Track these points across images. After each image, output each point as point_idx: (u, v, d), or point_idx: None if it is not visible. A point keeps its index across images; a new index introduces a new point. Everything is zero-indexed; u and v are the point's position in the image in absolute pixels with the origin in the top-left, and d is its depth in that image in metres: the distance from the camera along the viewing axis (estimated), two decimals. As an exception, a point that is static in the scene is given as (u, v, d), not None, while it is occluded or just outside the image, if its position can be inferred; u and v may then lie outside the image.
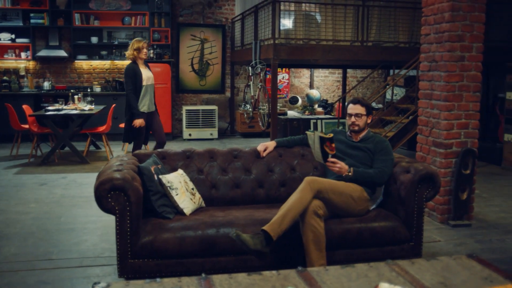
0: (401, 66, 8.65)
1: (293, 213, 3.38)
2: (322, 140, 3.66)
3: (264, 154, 4.19)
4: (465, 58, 5.00)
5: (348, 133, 4.06)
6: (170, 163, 4.07)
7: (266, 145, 4.22)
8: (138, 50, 6.37)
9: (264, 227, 3.32)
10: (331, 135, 3.72)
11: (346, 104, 4.23)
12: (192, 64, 11.76)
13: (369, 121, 4.02)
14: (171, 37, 11.25)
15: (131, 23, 11.04)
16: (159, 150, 4.18)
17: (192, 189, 3.87)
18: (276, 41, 8.03)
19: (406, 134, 7.57)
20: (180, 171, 3.93)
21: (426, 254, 4.27)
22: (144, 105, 6.47)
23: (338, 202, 3.59)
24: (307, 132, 3.89)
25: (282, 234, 3.36)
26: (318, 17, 8.74)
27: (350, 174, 3.69)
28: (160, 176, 3.69)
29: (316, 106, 11.29)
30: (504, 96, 8.32)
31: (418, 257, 3.78)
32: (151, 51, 10.79)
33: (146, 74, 6.50)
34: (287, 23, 8.91)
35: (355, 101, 4.00)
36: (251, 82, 9.87)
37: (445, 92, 5.00)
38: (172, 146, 9.70)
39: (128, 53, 6.44)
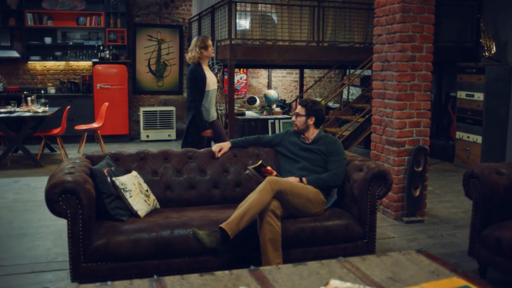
0: (356, 66, 8.78)
1: (252, 212, 3.39)
2: (258, 170, 3.78)
3: (219, 155, 4.19)
4: (416, 58, 5.11)
5: (301, 134, 4.10)
6: (124, 165, 4.02)
7: (221, 146, 4.22)
8: (205, 48, 5.38)
9: (222, 225, 3.34)
10: (260, 161, 3.83)
11: None
12: (149, 65, 11.65)
13: (310, 122, 4.05)
14: (127, 37, 11.11)
15: (86, 24, 10.86)
16: (113, 152, 4.12)
17: (147, 190, 3.83)
18: (233, 42, 8.03)
19: (362, 133, 7.69)
20: (134, 173, 3.89)
21: (380, 250, 4.34)
22: (208, 113, 5.51)
23: (296, 203, 3.63)
24: (245, 172, 3.93)
25: (239, 233, 3.38)
26: (274, 17, 8.78)
27: (303, 184, 3.74)
28: (114, 178, 3.65)
29: (274, 106, 11.33)
30: (456, 95, 8.54)
31: (371, 253, 3.84)
32: (107, 52, 10.63)
33: (211, 78, 5.54)
34: (244, 23, 8.92)
35: (300, 101, 4.09)
36: (208, 83, 9.82)
37: (397, 92, 5.10)
38: (130, 148, 9.59)
39: (191, 55, 5.43)
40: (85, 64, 11.08)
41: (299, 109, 4.08)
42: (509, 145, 8.10)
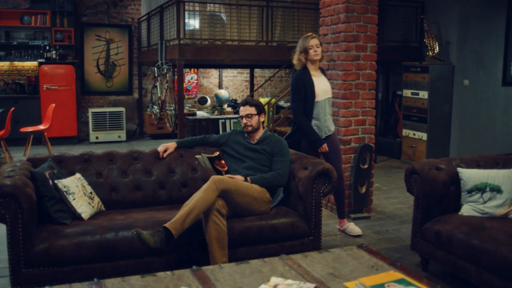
0: (305, 65, 8.87)
1: (196, 211, 3.39)
2: (211, 160, 3.79)
3: (165, 155, 4.16)
4: (360, 58, 5.21)
5: (246, 134, 4.12)
6: (67, 167, 3.94)
7: (166, 146, 4.19)
8: (305, 51, 4.53)
9: (166, 224, 3.32)
10: (217, 153, 3.87)
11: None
12: (97, 65, 11.46)
13: (262, 119, 4.10)
14: (74, 37, 10.88)
15: (31, 23, 10.58)
16: (55, 154, 4.03)
17: (91, 193, 3.77)
18: (181, 42, 8.00)
19: (311, 132, 7.75)
20: (77, 175, 3.82)
21: (327, 247, 4.39)
22: (319, 128, 4.62)
23: (241, 202, 3.64)
24: (196, 156, 3.94)
25: (185, 233, 3.37)
26: (224, 16, 8.79)
27: (248, 183, 3.76)
28: (56, 181, 3.57)
29: (225, 106, 11.34)
30: (402, 94, 8.75)
31: (317, 250, 3.89)
32: (53, 52, 10.38)
33: (321, 86, 4.59)
34: (194, 23, 8.90)
35: (244, 103, 4.09)
36: (157, 83, 9.76)
37: (342, 90, 5.19)
38: (78, 150, 9.40)
39: (294, 60, 4.66)
40: (30, 64, 10.80)
41: (250, 109, 4.08)
42: (453, 142, 8.36)
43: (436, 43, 8.29)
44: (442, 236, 3.60)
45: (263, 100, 10.88)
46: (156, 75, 9.66)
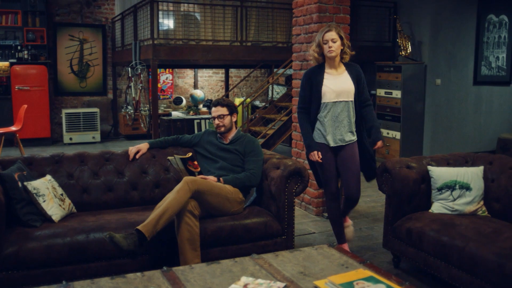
0: (280, 65, 8.90)
1: (169, 213, 3.37)
2: (184, 161, 3.78)
3: (137, 156, 4.13)
4: (332, 57, 5.23)
5: (218, 135, 4.11)
6: (37, 169, 3.89)
7: (138, 147, 4.16)
8: (318, 45, 3.89)
9: (139, 227, 3.29)
10: (190, 154, 3.86)
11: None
12: (71, 66, 11.34)
13: (234, 119, 4.10)
14: (47, 37, 10.73)
15: (2, 22, 10.40)
16: (25, 156, 3.98)
17: (61, 194, 3.73)
18: (155, 42, 7.96)
19: (286, 131, 7.79)
20: (48, 177, 3.77)
21: (301, 246, 4.41)
22: (322, 133, 3.96)
23: (214, 203, 3.64)
24: (168, 157, 3.92)
25: (158, 234, 3.36)
26: (198, 16, 8.77)
27: (221, 183, 3.76)
28: (25, 183, 3.52)
29: (200, 106, 11.32)
30: (376, 93, 8.83)
31: (290, 249, 3.90)
32: (25, 52, 10.23)
33: (334, 86, 3.87)
34: (168, 23, 8.85)
35: (216, 103, 4.08)
36: (132, 83, 9.70)
37: (315, 90, 5.21)
38: (51, 152, 9.28)
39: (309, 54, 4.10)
40: (1, 64, 10.61)
41: (222, 110, 4.07)
42: (426, 140, 8.47)
43: (409, 43, 8.39)
44: (412, 234, 3.64)
45: (239, 100, 10.89)
46: (130, 75, 9.59)
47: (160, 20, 8.37)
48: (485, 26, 8.94)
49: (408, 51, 8.39)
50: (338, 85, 3.90)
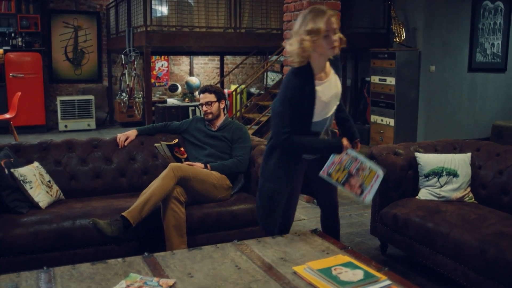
0: (273, 52, 8.88)
1: (155, 199, 3.38)
2: (170, 148, 3.79)
3: (126, 143, 4.13)
4: (323, 44, 5.21)
5: (207, 122, 4.11)
6: (25, 156, 3.89)
7: (127, 135, 4.16)
8: (314, 35, 2.71)
9: (124, 213, 3.31)
10: (176, 140, 3.88)
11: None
12: (66, 53, 11.29)
13: (222, 106, 4.10)
14: (41, 24, 10.66)
15: (-5, 9, 10.37)
16: (13, 143, 3.98)
17: (49, 181, 3.73)
18: (149, 29, 7.93)
19: (279, 118, 7.77)
20: (35, 164, 3.78)
21: (290, 232, 4.43)
22: None
23: (200, 189, 3.65)
24: (155, 144, 3.92)
25: (144, 220, 3.37)
26: (192, 2, 8.73)
27: (208, 170, 3.76)
28: (12, 170, 3.52)
29: (196, 93, 11.29)
30: (370, 80, 8.81)
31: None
32: (19, 39, 10.18)
33: (325, 97, 2.85)
34: (163, 9, 8.81)
35: (203, 90, 4.07)
36: (126, 71, 9.67)
37: (306, 77, 5.19)
38: (44, 139, 9.28)
39: (290, 49, 2.86)
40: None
41: (209, 97, 4.07)
42: (420, 127, 8.46)
43: (403, 29, 8.35)
44: (399, 220, 3.65)
45: (234, 87, 10.86)
46: (124, 62, 9.56)
47: (154, 7, 8.33)
48: (481, 12, 8.90)
49: (403, 38, 8.36)
50: (328, 93, 2.86)
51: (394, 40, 8.48)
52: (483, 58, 9.08)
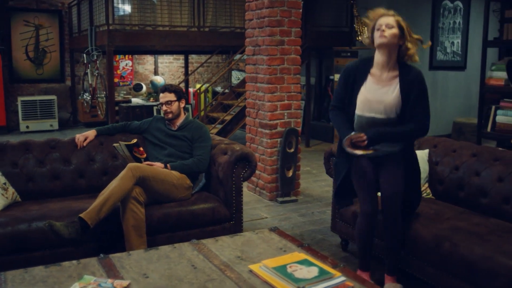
0: (237, 50, 8.87)
1: (113, 200, 3.34)
2: (129, 147, 3.75)
3: (85, 144, 4.08)
4: (284, 42, 5.24)
5: (167, 121, 4.08)
6: (-21, 158, 3.80)
7: (85, 135, 4.10)
8: (372, 32, 3.18)
9: (81, 215, 3.26)
10: (135, 140, 3.83)
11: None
12: (27, 52, 11.06)
13: (182, 105, 4.08)
14: (0, 23, 10.44)
15: (-48, 8, 10.10)
16: (-34, 144, 3.88)
17: (4, 183, 3.65)
18: (111, 27, 7.83)
19: (244, 117, 7.76)
20: (-10, 166, 3.69)
21: (251, 231, 4.44)
22: None
23: (160, 189, 3.62)
24: (114, 144, 3.87)
25: (103, 221, 3.33)
26: (155, 1, 8.65)
27: (167, 170, 3.74)
28: (-35, 172, 3.45)
29: (161, 92, 11.21)
30: (333, 78, 8.88)
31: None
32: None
33: (372, 96, 3.15)
34: (126, 8, 8.71)
35: (163, 89, 4.05)
36: (88, 70, 9.54)
37: (268, 75, 5.22)
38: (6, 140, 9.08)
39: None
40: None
41: (169, 96, 4.04)
42: (383, 125, 8.56)
43: (366, 28, 8.43)
44: (357, 217, 3.68)
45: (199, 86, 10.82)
46: (86, 61, 9.43)
47: (116, 5, 8.23)
48: (440, 11, 9.08)
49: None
50: (377, 95, 3.13)
51: (357, 38, 8.57)
52: (444, 57, 9.26)
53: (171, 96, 4.02)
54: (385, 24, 3.08)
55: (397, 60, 3.15)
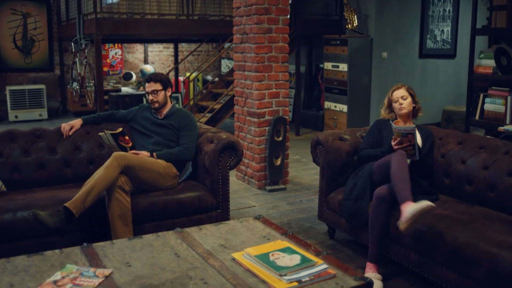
0: (227, 39, 8.83)
1: (98, 189, 3.33)
2: (115, 136, 3.73)
3: (70, 133, 4.05)
4: (272, 30, 5.22)
5: (153, 110, 4.06)
6: (-36, 148, 3.78)
7: (71, 124, 4.08)
8: (390, 104, 3.87)
9: (66, 204, 3.24)
10: (120, 129, 3.81)
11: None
12: (14, 41, 10.95)
13: (168, 94, 4.06)
14: (-13, 11, 10.34)
15: None
16: (-50, 134, 3.85)
17: (-11, 173, 3.64)
18: (99, 16, 7.76)
19: (233, 106, 7.75)
20: (-26, 156, 3.67)
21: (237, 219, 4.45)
22: None
23: (146, 178, 3.61)
24: (99, 133, 3.84)
25: (89, 210, 3.32)
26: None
27: (153, 158, 3.72)
28: (-51, 162, 3.42)
29: (150, 81, 11.15)
30: (323, 66, 8.87)
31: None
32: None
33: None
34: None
35: (149, 79, 4.02)
36: (77, 59, 9.47)
37: (255, 63, 5.20)
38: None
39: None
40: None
41: (155, 85, 4.01)
42: (372, 113, 8.58)
43: (355, 16, 8.42)
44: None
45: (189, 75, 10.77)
46: (74, 50, 9.36)
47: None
48: (430, -1, 9.06)
49: (355, 25, 8.43)
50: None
51: (347, 26, 8.54)
52: (434, 45, 9.26)
53: (157, 86, 4.00)
54: (401, 97, 3.73)
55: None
